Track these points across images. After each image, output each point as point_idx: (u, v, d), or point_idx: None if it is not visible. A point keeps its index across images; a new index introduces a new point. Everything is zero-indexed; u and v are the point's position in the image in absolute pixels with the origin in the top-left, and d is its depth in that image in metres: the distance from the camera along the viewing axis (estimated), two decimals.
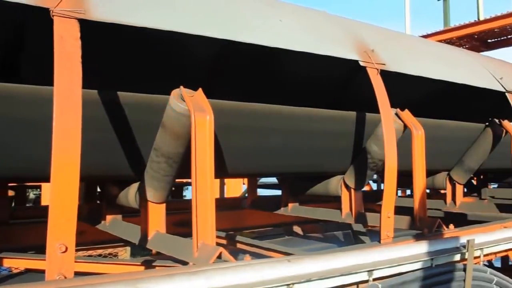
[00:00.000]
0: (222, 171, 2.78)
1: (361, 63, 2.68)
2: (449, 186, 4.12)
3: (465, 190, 6.15)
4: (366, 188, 6.44)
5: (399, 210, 3.23)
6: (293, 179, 3.83)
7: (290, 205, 3.91)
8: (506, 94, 3.74)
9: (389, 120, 2.65)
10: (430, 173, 4.25)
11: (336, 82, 3.75)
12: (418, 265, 2.45)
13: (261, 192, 5.65)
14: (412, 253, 2.45)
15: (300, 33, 2.63)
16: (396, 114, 3.06)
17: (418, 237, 2.74)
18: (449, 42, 5.73)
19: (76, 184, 1.67)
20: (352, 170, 3.26)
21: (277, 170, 3.34)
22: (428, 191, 5.85)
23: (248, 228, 4.56)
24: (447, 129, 3.81)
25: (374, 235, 2.98)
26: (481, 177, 5.66)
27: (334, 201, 3.61)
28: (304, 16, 2.81)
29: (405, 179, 3.14)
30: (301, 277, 1.95)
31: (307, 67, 3.14)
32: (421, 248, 2.52)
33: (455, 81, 3.32)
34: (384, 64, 2.80)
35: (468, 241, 2.59)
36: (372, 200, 5.10)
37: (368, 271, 2.21)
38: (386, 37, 3.26)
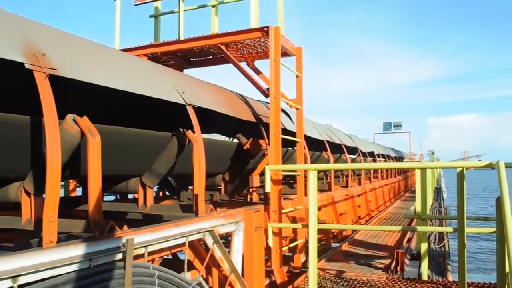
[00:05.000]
0: None
1: (27, 66, 2.61)
2: (141, 190, 4.36)
3: (168, 193, 6.70)
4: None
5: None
6: None
7: None
8: (187, 106, 4.19)
9: (53, 126, 2.65)
10: (124, 178, 4.44)
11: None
12: (74, 267, 2.51)
13: None
14: (68, 256, 2.50)
15: None
16: (74, 120, 3.12)
17: (85, 240, 2.79)
18: (156, 56, 6.10)
19: None
20: (31, 176, 3.17)
21: None
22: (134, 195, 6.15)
23: None
24: (136, 137, 4.02)
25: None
26: (181, 181, 6.23)
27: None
28: None
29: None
30: None
31: None
32: (80, 250, 2.59)
33: (134, 92, 3.52)
34: (55, 69, 2.78)
35: (127, 240, 2.80)
36: (76, 205, 5.08)
37: (11, 277, 2.17)
38: (66, 42, 3.23)
